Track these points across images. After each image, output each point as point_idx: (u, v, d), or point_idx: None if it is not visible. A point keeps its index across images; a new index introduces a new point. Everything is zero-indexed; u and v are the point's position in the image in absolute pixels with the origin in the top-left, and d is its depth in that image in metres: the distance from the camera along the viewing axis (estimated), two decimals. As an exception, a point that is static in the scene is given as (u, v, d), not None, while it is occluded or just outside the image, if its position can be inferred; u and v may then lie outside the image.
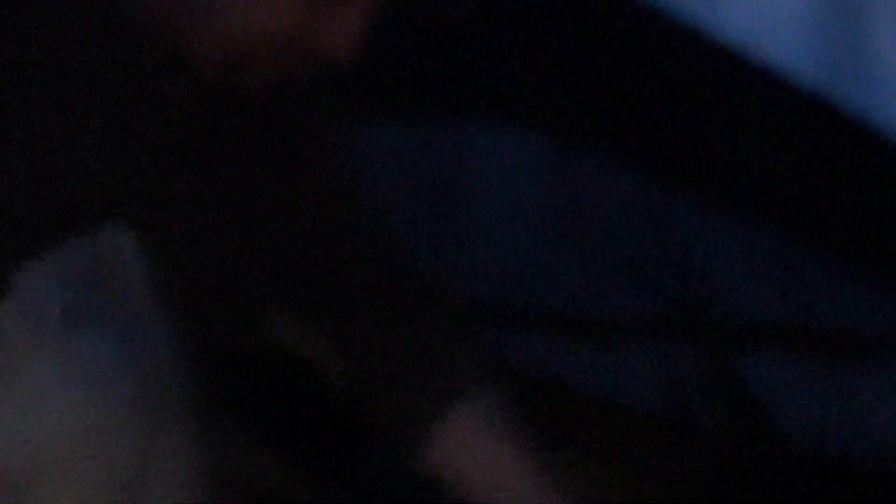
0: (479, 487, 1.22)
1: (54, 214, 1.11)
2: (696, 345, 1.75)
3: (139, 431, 1.00)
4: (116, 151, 1.17)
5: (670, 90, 1.73)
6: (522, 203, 1.81)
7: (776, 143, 1.70)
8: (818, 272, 1.68)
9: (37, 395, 0.98)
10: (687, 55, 1.72)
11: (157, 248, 1.13)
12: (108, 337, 1.01)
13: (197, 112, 1.20)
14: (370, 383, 1.27)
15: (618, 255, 1.76)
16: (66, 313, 1.01)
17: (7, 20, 1.16)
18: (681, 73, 1.73)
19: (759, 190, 1.71)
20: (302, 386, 1.92)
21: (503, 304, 1.84)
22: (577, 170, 1.77)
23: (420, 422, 1.22)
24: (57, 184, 1.12)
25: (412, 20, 1.84)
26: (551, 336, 1.83)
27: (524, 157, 1.80)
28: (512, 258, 1.83)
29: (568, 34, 1.76)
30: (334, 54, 1.28)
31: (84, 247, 1.08)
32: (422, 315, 1.25)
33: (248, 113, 1.23)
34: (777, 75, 1.67)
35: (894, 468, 1.68)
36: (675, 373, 1.75)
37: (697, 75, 1.72)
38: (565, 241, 1.79)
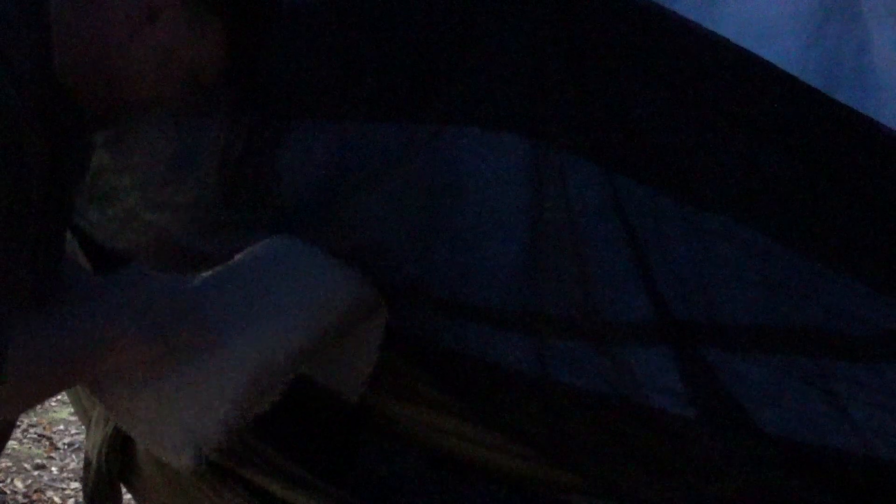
0: None
1: None
2: (675, 344, 1.74)
3: None
4: None
5: (661, 88, 1.72)
6: (504, 205, 1.80)
7: (765, 139, 1.69)
8: (803, 271, 1.68)
9: None
10: (681, 52, 1.71)
11: None
12: None
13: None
14: None
15: (599, 256, 1.76)
16: None
17: None
18: (673, 70, 1.72)
19: (746, 188, 1.70)
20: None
21: (488, 305, 1.84)
22: (558, 171, 1.76)
23: None
24: None
25: (401, 24, 1.83)
26: (536, 336, 1.82)
27: (505, 160, 1.80)
28: (495, 260, 1.82)
29: (559, 34, 1.75)
30: (206, 68, 1.45)
31: None
32: None
33: None
34: (767, 70, 1.66)
35: (876, 464, 1.68)
36: (656, 372, 1.75)
37: (690, 72, 1.71)
38: (546, 242, 1.78)
